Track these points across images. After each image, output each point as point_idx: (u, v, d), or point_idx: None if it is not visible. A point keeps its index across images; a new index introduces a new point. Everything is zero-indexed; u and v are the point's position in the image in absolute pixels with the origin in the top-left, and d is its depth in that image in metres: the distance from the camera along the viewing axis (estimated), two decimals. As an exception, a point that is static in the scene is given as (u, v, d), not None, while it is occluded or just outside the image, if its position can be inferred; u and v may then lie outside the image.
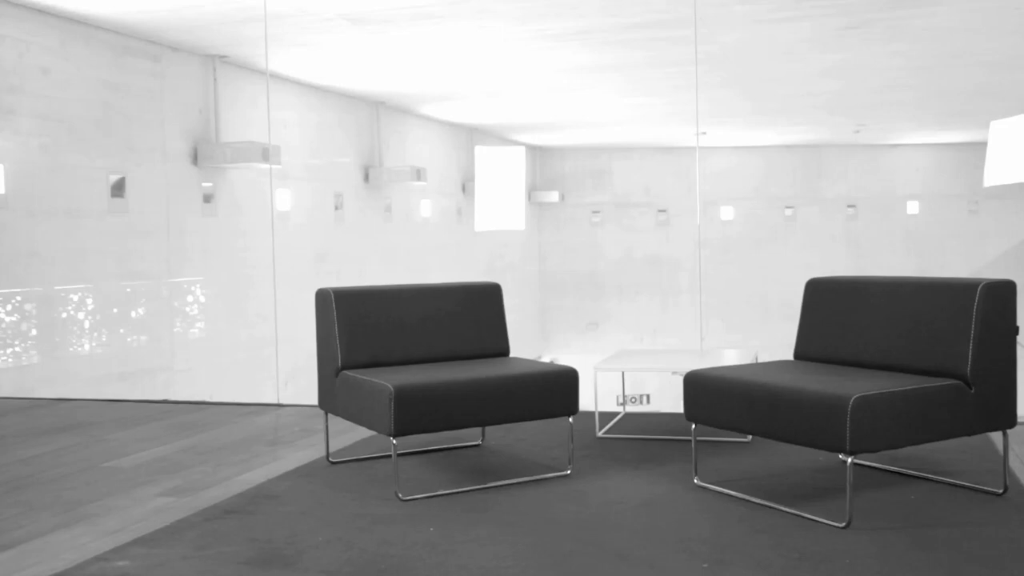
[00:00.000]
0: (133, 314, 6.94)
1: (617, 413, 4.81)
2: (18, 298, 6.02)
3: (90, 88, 6.59)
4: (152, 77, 7.19)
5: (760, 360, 4.14)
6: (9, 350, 5.95)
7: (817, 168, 15.67)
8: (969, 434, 3.19)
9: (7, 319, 5.95)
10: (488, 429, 4.35)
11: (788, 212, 15.70)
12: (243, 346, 8.06)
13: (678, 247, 15.67)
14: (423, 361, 3.92)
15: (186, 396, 7.16)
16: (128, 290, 6.92)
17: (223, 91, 7.92)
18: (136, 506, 3.34)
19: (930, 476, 3.51)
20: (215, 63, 7.82)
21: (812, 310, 3.75)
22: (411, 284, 4.18)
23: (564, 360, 11.35)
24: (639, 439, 4.26)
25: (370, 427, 3.50)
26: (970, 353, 3.13)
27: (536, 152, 15.76)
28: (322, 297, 3.88)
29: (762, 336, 14.28)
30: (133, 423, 4.87)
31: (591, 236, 16.09)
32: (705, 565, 2.66)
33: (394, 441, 3.39)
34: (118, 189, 6.78)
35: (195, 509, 3.28)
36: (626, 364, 4.74)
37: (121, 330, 6.84)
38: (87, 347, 6.54)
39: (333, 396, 3.81)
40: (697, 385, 3.44)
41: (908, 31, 7.28)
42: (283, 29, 6.80)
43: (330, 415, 3.93)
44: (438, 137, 12.26)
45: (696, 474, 3.51)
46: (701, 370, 3.50)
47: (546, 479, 3.60)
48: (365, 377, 3.54)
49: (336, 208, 9.78)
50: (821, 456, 3.77)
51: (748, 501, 3.25)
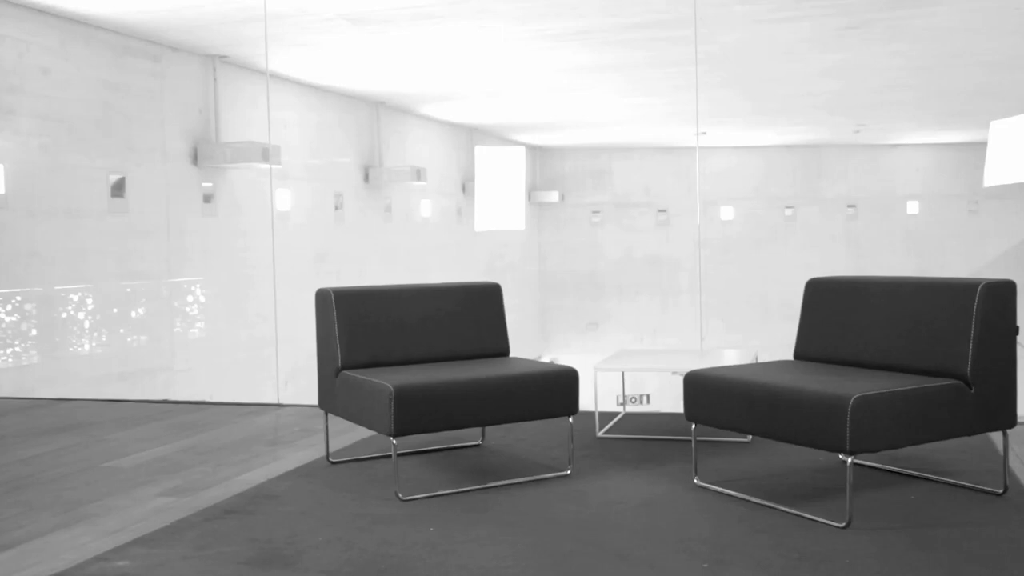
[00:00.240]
0: (133, 314, 6.94)
1: (617, 413, 4.81)
2: (18, 298, 6.02)
3: (90, 88, 6.59)
4: (152, 77, 7.19)
5: (760, 360, 4.14)
6: (9, 350, 5.96)
7: (817, 168, 15.67)
8: (969, 434, 3.19)
9: (7, 319, 5.95)
10: (488, 429, 4.35)
11: (788, 212, 15.70)
12: (243, 346, 8.07)
13: (678, 247, 15.67)
14: (423, 361, 3.92)
15: (186, 396, 7.16)
16: (128, 290, 6.92)
17: (223, 91, 7.92)
18: (136, 506, 3.34)
19: (930, 476, 3.51)
20: (215, 63, 7.82)
21: (812, 310, 3.75)
22: (411, 284, 4.18)
23: (564, 360, 11.35)
24: (639, 439, 4.26)
25: (370, 427, 3.50)
26: (970, 353, 3.13)
27: (536, 152, 15.76)
28: (322, 297, 3.89)
29: (762, 336, 14.28)
30: (133, 423, 4.87)
31: (591, 236, 16.09)
32: (705, 565, 2.67)
33: (394, 441, 3.39)
34: (118, 189, 6.78)
35: (195, 509, 3.28)
36: (626, 364, 4.74)
37: (121, 330, 6.84)
38: (87, 347, 6.54)
39: (333, 396, 3.81)
40: (697, 385, 3.44)
41: (908, 31, 7.28)
42: (283, 29, 6.80)
43: (330, 415, 3.93)
44: (438, 137, 12.26)
45: (696, 474, 3.51)
46: (701, 370, 3.50)
47: (546, 479, 3.60)
48: (365, 377, 3.54)
49: (336, 208, 9.78)
50: (821, 456, 3.77)
51: (748, 501, 3.25)
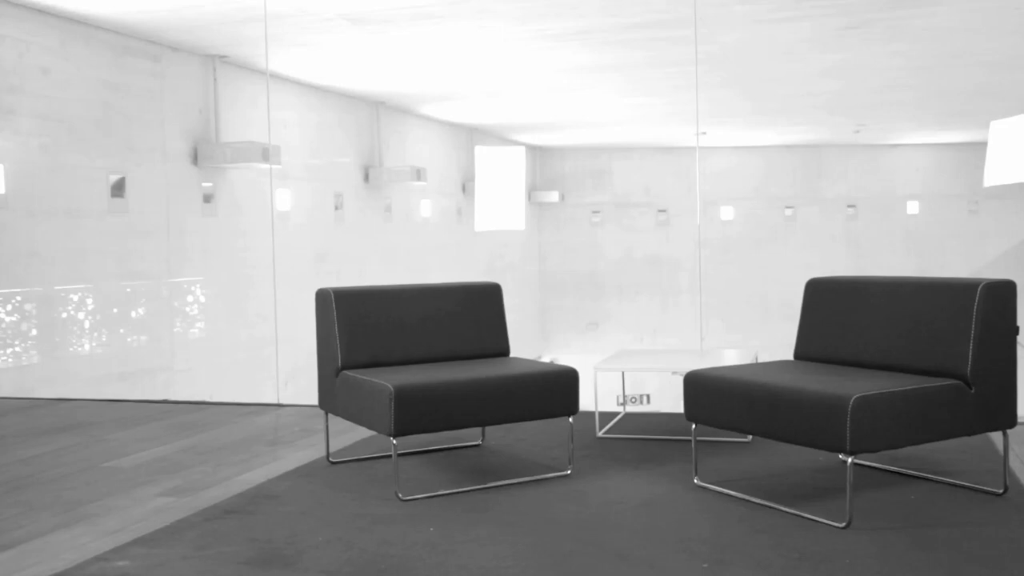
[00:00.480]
0: (133, 314, 6.94)
1: (617, 413, 4.81)
2: (18, 298, 6.02)
3: (90, 88, 6.59)
4: (152, 77, 7.19)
5: (760, 360, 4.14)
6: (9, 350, 5.96)
7: (817, 168, 15.67)
8: (969, 434, 3.19)
9: (7, 319, 5.95)
10: (488, 429, 4.35)
11: (788, 212, 15.70)
12: (243, 346, 8.07)
13: (678, 247, 15.67)
14: (423, 361, 3.92)
15: (186, 396, 7.16)
16: (128, 290, 6.92)
17: (223, 91, 7.92)
18: (136, 506, 3.34)
19: (930, 476, 3.51)
20: (215, 63, 7.82)
21: (812, 310, 3.75)
22: (411, 284, 4.18)
23: (564, 360, 11.35)
24: (639, 439, 4.26)
25: (370, 427, 3.50)
26: (970, 353, 3.13)
27: (536, 152, 15.76)
28: (322, 297, 3.89)
29: (762, 336, 14.28)
30: (133, 423, 4.87)
31: (591, 236, 16.09)
32: (705, 565, 2.66)
33: (394, 441, 3.39)
34: (118, 189, 6.78)
35: (195, 509, 3.28)
36: (626, 364, 4.74)
37: (121, 330, 6.84)
38: (87, 347, 6.54)
39: (333, 396, 3.81)
40: (697, 385, 3.44)
41: (908, 31, 7.28)
42: (283, 29, 6.80)
43: (330, 415, 3.93)
44: (438, 137, 12.26)
45: (696, 474, 3.51)
46: (701, 370, 3.50)
47: (546, 479, 3.60)
48: (365, 377, 3.54)
49: (336, 208, 9.78)
50: (821, 456, 3.77)
51: (748, 501, 3.25)
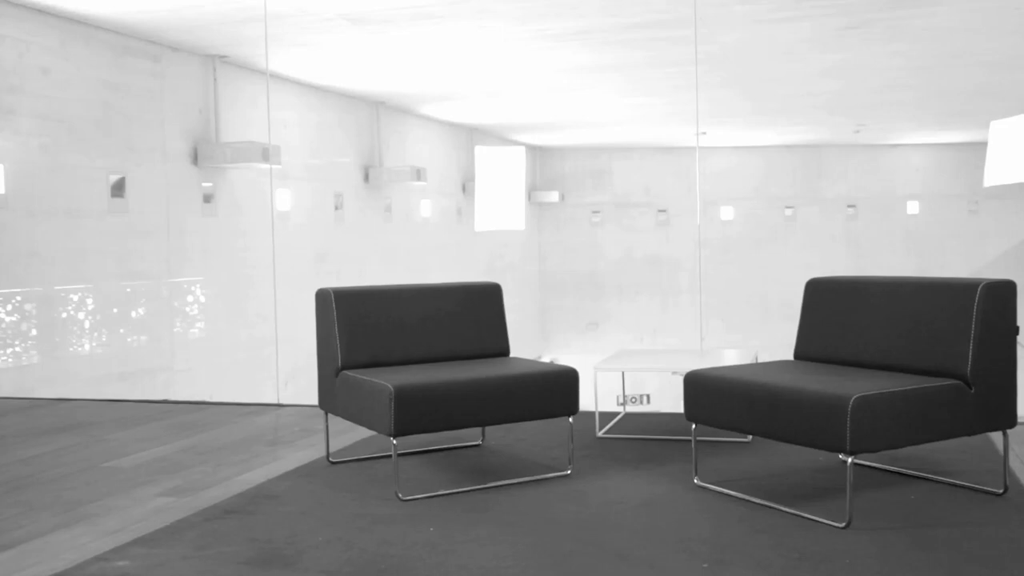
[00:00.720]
0: (133, 314, 6.94)
1: (617, 413, 4.81)
2: (18, 298, 6.02)
3: (90, 88, 6.59)
4: (152, 77, 7.19)
5: (760, 360, 4.14)
6: (9, 350, 5.95)
7: (817, 168, 15.67)
8: (969, 434, 3.19)
9: (7, 319, 5.95)
10: (488, 429, 4.35)
11: (788, 212, 15.70)
12: (243, 346, 8.07)
13: (678, 247, 15.67)
14: (423, 361, 3.92)
15: (186, 396, 7.16)
16: (128, 290, 6.92)
17: (223, 91, 7.92)
18: (136, 506, 3.34)
19: (930, 476, 3.51)
20: (215, 63, 7.82)
21: (812, 310, 3.75)
22: (411, 284, 4.18)
23: (564, 360, 11.35)
24: (639, 439, 4.26)
25: (370, 427, 3.50)
26: (970, 353, 3.13)
27: (536, 152, 15.76)
28: (322, 297, 3.89)
29: (762, 336, 14.28)
30: (133, 423, 4.87)
31: (591, 236, 16.09)
32: (705, 565, 2.66)
33: (394, 441, 3.39)
34: (118, 189, 6.78)
35: (195, 509, 3.28)
36: (626, 364, 4.74)
37: (121, 330, 6.84)
38: (87, 347, 6.54)
39: (333, 396, 3.81)
40: (697, 385, 3.44)
41: (908, 31, 7.28)
42: (283, 29, 6.80)
43: (330, 415, 3.93)
44: (438, 137, 12.26)
45: (696, 474, 3.51)
46: (701, 370, 3.50)
47: (546, 479, 3.60)
48: (365, 377, 3.54)
49: (336, 208, 9.78)
50: (821, 456, 3.77)
51: (748, 501, 3.25)
